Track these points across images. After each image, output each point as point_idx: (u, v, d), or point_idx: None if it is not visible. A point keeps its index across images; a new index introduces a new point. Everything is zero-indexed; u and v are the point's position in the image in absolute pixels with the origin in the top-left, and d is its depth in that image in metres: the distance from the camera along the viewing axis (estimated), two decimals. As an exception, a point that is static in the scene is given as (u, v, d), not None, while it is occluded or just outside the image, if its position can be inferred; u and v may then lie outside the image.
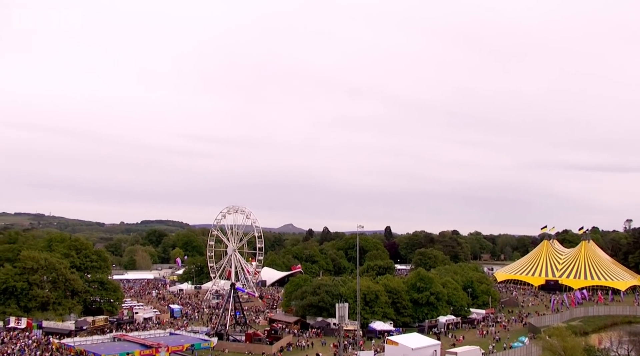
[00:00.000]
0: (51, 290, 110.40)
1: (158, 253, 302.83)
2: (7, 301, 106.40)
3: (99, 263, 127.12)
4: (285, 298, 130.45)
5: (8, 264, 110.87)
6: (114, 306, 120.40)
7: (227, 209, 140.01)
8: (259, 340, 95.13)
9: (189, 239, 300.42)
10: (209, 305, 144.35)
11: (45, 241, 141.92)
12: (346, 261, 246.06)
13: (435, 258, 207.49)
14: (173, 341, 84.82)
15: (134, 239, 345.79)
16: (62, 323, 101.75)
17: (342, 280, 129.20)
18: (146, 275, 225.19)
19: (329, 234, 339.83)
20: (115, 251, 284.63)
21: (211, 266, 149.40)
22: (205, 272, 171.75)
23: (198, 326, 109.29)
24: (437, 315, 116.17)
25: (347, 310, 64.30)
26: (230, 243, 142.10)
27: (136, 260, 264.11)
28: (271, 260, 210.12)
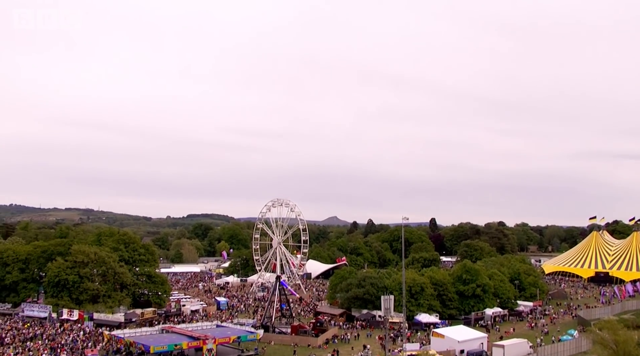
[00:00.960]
0: (101, 283, 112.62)
1: (204, 246, 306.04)
2: (60, 294, 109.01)
3: (147, 257, 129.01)
4: (330, 291, 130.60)
5: (60, 258, 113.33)
6: (161, 298, 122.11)
7: (271, 203, 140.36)
8: (304, 332, 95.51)
9: (235, 232, 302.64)
10: (254, 297, 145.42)
11: (95, 235, 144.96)
12: (391, 254, 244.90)
13: (481, 250, 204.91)
14: (220, 333, 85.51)
15: (181, 233, 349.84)
16: (112, 315, 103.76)
17: (387, 272, 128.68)
18: (193, 268, 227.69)
19: (373, 227, 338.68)
20: (162, 245, 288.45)
21: (256, 259, 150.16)
22: (251, 265, 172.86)
23: (244, 319, 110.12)
24: (484, 307, 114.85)
25: (393, 302, 64.08)
26: (275, 236, 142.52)
27: (183, 254, 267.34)
28: (316, 253, 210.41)
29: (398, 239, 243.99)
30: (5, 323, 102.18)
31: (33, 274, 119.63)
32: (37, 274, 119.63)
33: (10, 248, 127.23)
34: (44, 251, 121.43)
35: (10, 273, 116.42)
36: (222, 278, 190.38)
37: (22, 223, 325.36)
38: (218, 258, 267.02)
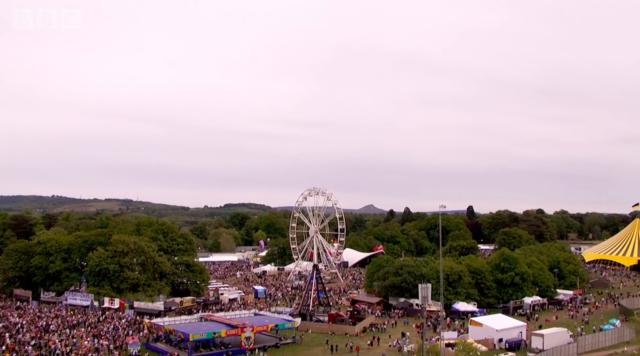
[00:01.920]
0: (141, 272, 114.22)
1: (241, 235, 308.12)
2: (101, 283, 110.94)
3: (185, 246, 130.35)
4: (367, 279, 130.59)
5: (101, 247, 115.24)
6: (200, 287, 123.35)
7: (308, 191, 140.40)
8: (342, 321, 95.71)
9: (271, 221, 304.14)
10: (292, 285, 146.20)
11: (134, 225, 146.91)
12: (428, 242, 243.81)
13: (520, 238, 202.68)
14: (258, 322, 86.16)
15: (218, 223, 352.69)
16: (151, 304, 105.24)
17: (425, 261, 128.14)
18: (230, 257, 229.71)
19: (410, 215, 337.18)
20: (200, 234, 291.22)
21: (293, 247, 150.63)
22: (288, 254, 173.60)
23: (282, 307, 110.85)
24: (522, 296, 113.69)
25: (430, 290, 63.86)
26: (311, 225, 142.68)
27: (220, 243, 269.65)
28: (353, 241, 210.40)
29: (435, 227, 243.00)
30: (50, 311, 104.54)
31: (75, 264, 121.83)
32: (79, 264, 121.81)
33: (53, 238, 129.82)
34: (85, 241, 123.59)
35: (54, 263, 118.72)
36: (259, 266, 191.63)
37: (64, 214, 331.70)
38: (255, 247, 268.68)
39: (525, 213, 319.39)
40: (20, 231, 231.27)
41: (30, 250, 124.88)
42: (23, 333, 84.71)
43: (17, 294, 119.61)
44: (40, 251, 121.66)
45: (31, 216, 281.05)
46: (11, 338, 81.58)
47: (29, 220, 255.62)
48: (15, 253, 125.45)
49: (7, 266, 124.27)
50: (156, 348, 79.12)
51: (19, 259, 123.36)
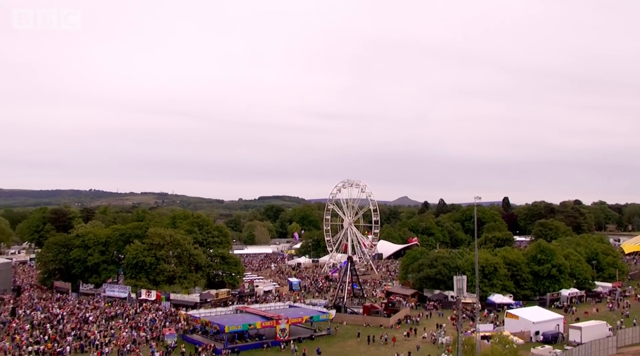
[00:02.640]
0: (177, 265, 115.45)
1: (276, 227, 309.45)
2: (138, 275, 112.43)
3: (220, 239, 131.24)
4: (402, 271, 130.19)
5: (137, 240, 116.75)
6: (235, 279, 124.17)
7: (342, 183, 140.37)
8: (376, 313, 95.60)
9: (306, 213, 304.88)
10: (326, 278, 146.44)
11: (170, 218, 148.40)
12: (463, 233, 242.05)
13: (557, 229, 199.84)
14: (292, 314, 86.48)
15: (253, 215, 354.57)
16: (187, 296, 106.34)
17: (460, 252, 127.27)
18: (265, 249, 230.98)
19: (445, 206, 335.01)
20: (235, 227, 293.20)
21: (328, 239, 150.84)
22: (322, 246, 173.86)
23: (316, 299, 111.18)
24: (560, 288, 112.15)
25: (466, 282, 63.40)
26: (346, 217, 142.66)
27: (255, 235, 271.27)
28: (387, 233, 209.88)
29: (470, 218, 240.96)
30: (89, 302, 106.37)
31: (112, 256, 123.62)
32: (117, 256, 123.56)
33: (91, 232, 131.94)
34: (122, 234, 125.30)
35: (92, 255, 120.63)
36: (294, 259, 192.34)
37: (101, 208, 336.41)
38: (290, 239, 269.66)
39: (562, 204, 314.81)
40: (59, 225, 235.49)
41: (69, 243, 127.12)
42: (64, 324, 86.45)
43: (58, 286, 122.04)
44: (79, 244, 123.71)
45: (70, 209, 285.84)
46: (52, 329, 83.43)
47: (67, 214, 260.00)
48: (55, 246, 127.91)
49: (48, 259, 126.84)
50: (192, 340, 79.96)
51: (58, 252, 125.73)
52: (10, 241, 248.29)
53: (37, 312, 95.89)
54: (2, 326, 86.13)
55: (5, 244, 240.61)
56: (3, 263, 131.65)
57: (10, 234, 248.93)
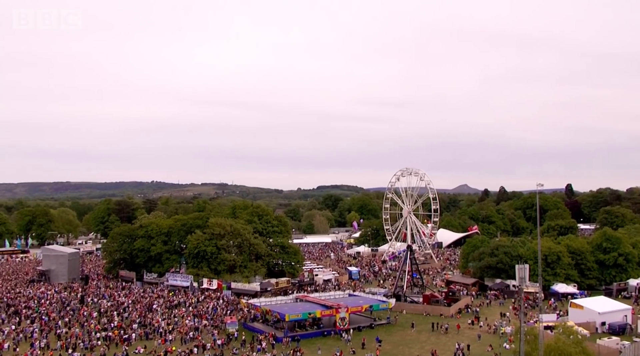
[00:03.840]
0: (237, 254, 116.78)
1: (334, 217, 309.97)
2: (200, 264, 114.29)
3: (280, 228, 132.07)
4: (462, 260, 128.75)
5: (198, 230, 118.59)
6: (295, 268, 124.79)
7: (400, 172, 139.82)
8: (436, 302, 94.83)
9: (364, 202, 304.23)
10: (386, 266, 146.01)
11: (230, 208, 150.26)
12: (525, 222, 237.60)
13: (623, 217, 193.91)
14: (352, 302, 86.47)
15: (311, 205, 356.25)
16: (248, 285, 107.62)
17: (521, 241, 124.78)
18: (324, 239, 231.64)
19: (505, 194, 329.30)
20: (294, 216, 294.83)
21: (387, 228, 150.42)
22: (381, 235, 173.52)
23: (376, 288, 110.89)
24: (627, 277, 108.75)
25: (528, 271, 61.99)
26: (405, 206, 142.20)
27: (314, 224, 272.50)
28: (447, 222, 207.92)
29: (532, 206, 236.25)
30: (152, 291, 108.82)
31: (175, 246, 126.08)
32: (179, 246, 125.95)
33: (154, 222, 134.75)
34: (184, 225, 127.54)
35: (155, 245, 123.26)
36: (353, 248, 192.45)
37: (163, 199, 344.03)
38: (349, 228, 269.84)
39: (629, 190, 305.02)
40: (123, 216, 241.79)
41: (133, 234, 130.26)
42: (129, 312, 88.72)
43: (123, 275, 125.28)
44: (142, 235, 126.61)
45: (133, 201, 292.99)
46: (119, 316, 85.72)
47: (131, 205, 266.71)
48: (120, 236, 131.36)
49: (113, 249, 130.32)
50: (253, 328, 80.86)
51: (123, 242, 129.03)
52: (77, 232, 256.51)
53: (104, 300, 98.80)
54: (72, 313, 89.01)
55: (73, 235, 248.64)
56: (72, 253, 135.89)
57: (77, 226, 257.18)
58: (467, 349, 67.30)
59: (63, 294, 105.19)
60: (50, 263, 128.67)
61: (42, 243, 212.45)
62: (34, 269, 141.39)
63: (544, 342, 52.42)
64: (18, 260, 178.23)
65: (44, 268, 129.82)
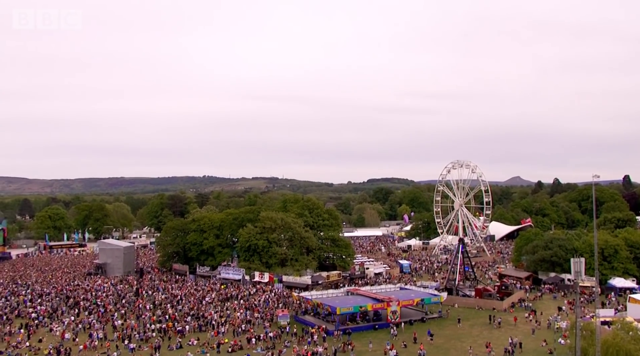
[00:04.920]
0: (288, 248, 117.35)
1: (385, 210, 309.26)
2: (252, 258, 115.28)
3: (330, 221, 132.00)
4: (515, 253, 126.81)
5: (250, 224, 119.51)
6: (346, 262, 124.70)
7: (451, 164, 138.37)
8: (489, 295, 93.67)
9: (415, 195, 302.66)
10: (437, 260, 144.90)
11: (281, 202, 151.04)
12: (580, 214, 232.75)
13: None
14: (403, 296, 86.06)
15: (362, 198, 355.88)
16: (299, 278, 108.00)
17: (577, 234, 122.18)
18: (375, 232, 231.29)
19: (559, 186, 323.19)
20: (344, 210, 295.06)
21: (438, 221, 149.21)
22: (433, 228, 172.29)
23: (427, 281, 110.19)
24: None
25: (584, 265, 60.62)
26: (456, 198, 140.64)
27: (365, 218, 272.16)
28: (499, 214, 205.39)
29: (588, 198, 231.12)
30: (205, 284, 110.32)
31: (227, 240, 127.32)
32: (230, 240, 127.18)
33: (206, 216, 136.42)
34: (235, 218, 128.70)
35: (207, 239, 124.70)
36: (404, 241, 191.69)
37: (215, 193, 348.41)
38: (399, 221, 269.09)
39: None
40: (176, 210, 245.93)
41: (186, 228, 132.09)
42: (183, 304, 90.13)
43: (176, 268, 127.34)
44: (194, 229, 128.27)
45: (185, 195, 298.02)
46: (173, 308, 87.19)
47: (183, 199, 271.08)
48: (173, 230, 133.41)
49: (166, 243, 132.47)
50: (304, 321, 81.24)
51: (176, 236, 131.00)
52: (132, 226, 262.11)
53: (158, 293, 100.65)
54: (127, 305, 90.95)
55: (127, 229, 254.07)
56: (127, 246, 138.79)
57: (132, 220, 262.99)
58: (519, 346, 65.82)
59: (119, 287, 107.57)
60: (107, 257, 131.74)
61: (98, 236, 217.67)
62: (91, 263, 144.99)
63: (601, 338, 51.18)
64: (76, 253, 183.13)
65: (100, 261, 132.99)
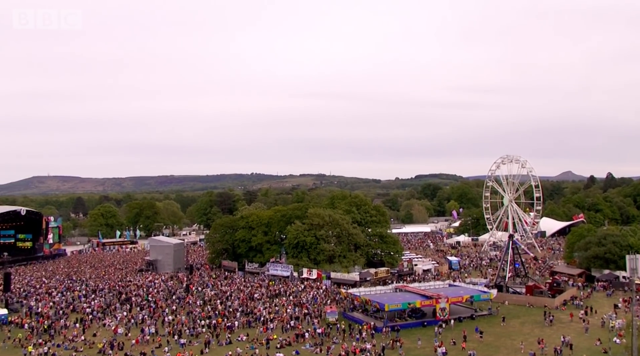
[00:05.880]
0: (336, 244, 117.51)
1: (433, 206, 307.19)
2: (300, 255, 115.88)
3: (378, 218, 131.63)
4: (567, 249, 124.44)
5: (298, 221, 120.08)
6: (394, 258, 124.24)
7: (501, 159, 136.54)
8: (540, 293, 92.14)
9: (464, 191, 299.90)
10: (487, 256, 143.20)
11: (328, 199, 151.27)
12: (635, 209, 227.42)
13: None
14: (452, 293, 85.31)
15: (410, 194, 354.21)
16: (347, 274, 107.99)
17: (632, 230, 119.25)
18: (423, 228, 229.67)
19: (613, 181, 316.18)
20: (392, 206, 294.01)
21: (487, 217, 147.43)
22: (482, 224, 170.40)
23: (476, 278, 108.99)
24: None
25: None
26: (506, 194, 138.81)
27: (413, 214, 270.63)
28: (550, 210, 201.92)
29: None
30: (254, 280, 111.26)
31: (275, 237, 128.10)
32: (279, 237, 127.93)
33: (255, 213, 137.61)
34: (283, 215, 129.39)
35: (256, 236, 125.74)
36: (452, 237, 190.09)
37: (263, 190, 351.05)
38: (448, 217, 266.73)
39: None
40: (224, 207, 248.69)
41: (234, 225, 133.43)
42: (232, 301, 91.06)
43: (225, 265, 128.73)
44: (243, 226, 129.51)
45: (234, 193, 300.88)
46: (222, 305, 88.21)
47: (232, 197, 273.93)
48: (222, 227, 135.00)
49: (215, 240, 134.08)
50: (353, 317, 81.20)
51: (225, 233, 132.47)
52: (181, 223, 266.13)
53: (208, 289, 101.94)
54: (178, 301, 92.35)
55: (177, 226, 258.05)
56: (177, 243, 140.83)
57: (181, 217, 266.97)
58: (570, 347, 64.36)
59: (169, 283, 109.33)
60: (157, 254, 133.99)
61: (149, 234, 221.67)
62: (142, 259, 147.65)
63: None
64: (128, 250, 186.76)
65: (151, 258, 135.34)
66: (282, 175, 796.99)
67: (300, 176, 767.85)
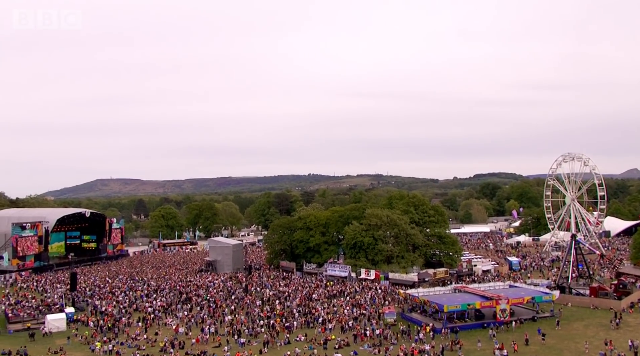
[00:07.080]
0: (394, 244, 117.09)
1: (493, 205, 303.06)
2: (357, 255, 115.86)
3: (437, 218, 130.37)
4: (633, 249, 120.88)
5: (355, 221, 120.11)
6: (453, 259, 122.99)
7: (562, 157, 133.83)
8: (605, 294, 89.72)
9: (524, 190, 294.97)
10: (548, 257, 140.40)
11: (386, 199, 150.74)
12: None
13: None
14: (513, 294, 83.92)
15: (468, 194, 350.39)
16: (405, 275, 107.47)
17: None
18: (482, 228, 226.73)
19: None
20: (450, 206, 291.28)
21: (549, 217, 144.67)
22: (543, 223, 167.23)
23: (538, 279, 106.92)
24: None
25: None
26: (568, 193, 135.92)
27: (472, 214, 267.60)
28: (615, 209, 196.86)
29: None
30: (312, 281, 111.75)
31: (333, 237, 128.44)
32: (336, 237, 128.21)
33: (312, 214, 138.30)
34: (341, 216, 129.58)
35: (313, 236, 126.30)
36: (512, 237, 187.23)
37: (320, 191, 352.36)
38: (508, 217, 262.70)
39: None
40: (282, 208, 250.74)
41: (292, 225, 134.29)
42: (290, 301, 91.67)
43: (283, 265, 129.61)
44: (301, 226, 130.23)
45: (291, 193, 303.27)
46: (280, 305, 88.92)
47: (289, 198, 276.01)
48: (280, 228, 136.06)
49: (274, 240, 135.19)
50: (411, 318, 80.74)
51: (283, 233, 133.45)
52: (240, 224, 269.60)
53: (267, 289, 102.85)
54: (237, 301, 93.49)
55: (236, 227, 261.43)
56: (236, 244, 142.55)
57: (240, 218, 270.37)
58: (635, 354, 62.27)
59: (228, 284, 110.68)
60: (217, 254, 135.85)
61: (208, 235, 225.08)
62: (201, 260, 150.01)
63: None
64: (187, 251, 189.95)
65: (210, 258, 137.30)
66: (339, 176, 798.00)
67: (358, 177, 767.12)
